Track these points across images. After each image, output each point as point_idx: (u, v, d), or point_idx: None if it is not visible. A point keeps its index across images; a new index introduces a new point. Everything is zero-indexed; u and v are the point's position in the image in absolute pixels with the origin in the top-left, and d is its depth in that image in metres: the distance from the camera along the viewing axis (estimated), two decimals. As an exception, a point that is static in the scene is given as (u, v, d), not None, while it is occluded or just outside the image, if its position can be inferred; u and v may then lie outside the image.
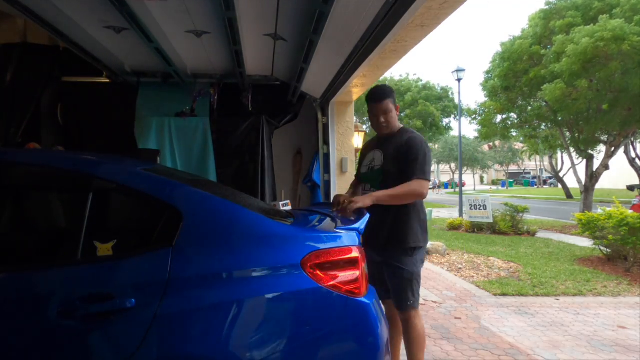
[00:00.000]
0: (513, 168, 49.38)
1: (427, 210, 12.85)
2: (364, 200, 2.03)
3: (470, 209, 10.15)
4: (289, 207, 3.91)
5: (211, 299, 1.36)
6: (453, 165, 36.84)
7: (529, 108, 14.02)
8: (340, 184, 4.54)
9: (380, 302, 2.07)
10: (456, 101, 20.27)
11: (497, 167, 47.52)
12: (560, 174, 22.01)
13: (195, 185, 1.66)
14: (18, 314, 1.34)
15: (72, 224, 1.58)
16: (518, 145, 34.42)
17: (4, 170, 1.57)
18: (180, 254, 1.39)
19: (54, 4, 2.29)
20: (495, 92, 13.79)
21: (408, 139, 2.23)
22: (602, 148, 13.60)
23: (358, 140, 6.35)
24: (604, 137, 12.97)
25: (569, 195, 22.22)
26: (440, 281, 5.45)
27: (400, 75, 26.20)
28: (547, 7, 12.74)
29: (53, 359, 1.33)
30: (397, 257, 2.18)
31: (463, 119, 17.56)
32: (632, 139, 13.97)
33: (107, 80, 3.84)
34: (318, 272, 1.46)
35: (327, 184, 4.28)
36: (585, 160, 13.24)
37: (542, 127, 15.13)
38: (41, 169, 1.59)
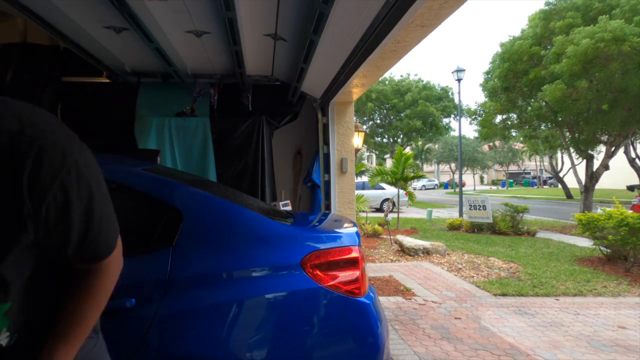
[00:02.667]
0: (513, 168, 49.41)
1: (427, 210, 12.73)
2: None
3: (470, 209, 10.17)
4: (289, 207, 3.91)
5: (211, 299, 1.36)
6: (453, 165, 36.84)
7: (529, 108, 14.04)
8: (340, 184, 4.54)
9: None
10: (456, 101, 20.31)
11: (497, 167, 47.55)
12: (560, 174, 22.03)
13: (196, 185, 1.66)
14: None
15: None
16: (518, 146, 34.43)
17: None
18: (180, 254, 1.39)
19: (54, 4, 2.29)
20: (495, 92, 13.80)
21: None
22: (602, 148, 13.60)
23: (358, 140, 6.35)
24: (604, 137, 12.98)
25: (569, 195, 22.24)
26: (440, 281, 5.45)
27: (401, 76, 26.25)
28: (546, 7, 12.75)
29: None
30: None
31: (463, 119, 17.59)
32: (632, 139, 13.99)
33: (107, 80, 3.84)
34: (318, 272, 1.46)
35: (327, 184, 4.28)
36: (585, 161, 13.24)
37: (542, 127, 15.15)
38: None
